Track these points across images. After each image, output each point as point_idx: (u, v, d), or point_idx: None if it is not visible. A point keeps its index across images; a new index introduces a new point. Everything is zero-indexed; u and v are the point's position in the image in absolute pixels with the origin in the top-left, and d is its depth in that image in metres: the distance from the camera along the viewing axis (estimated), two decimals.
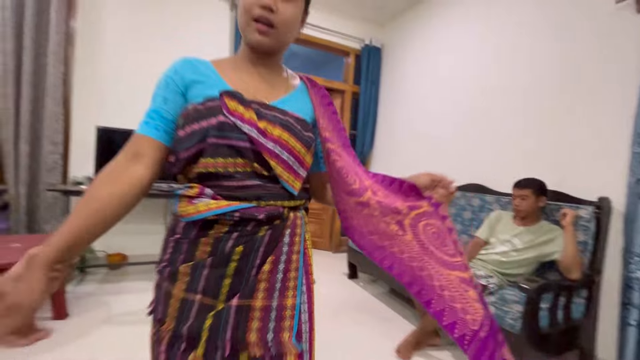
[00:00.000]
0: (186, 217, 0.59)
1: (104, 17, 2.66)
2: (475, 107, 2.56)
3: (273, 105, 0.65)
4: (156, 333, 0.62)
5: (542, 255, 1.73)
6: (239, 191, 0.59)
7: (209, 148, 0.58)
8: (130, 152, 0.59)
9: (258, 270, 0.60)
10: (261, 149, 0.59)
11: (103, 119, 2.64)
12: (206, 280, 0.58)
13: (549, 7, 2.09)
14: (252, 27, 0.62)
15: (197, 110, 0.59)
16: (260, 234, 0.60)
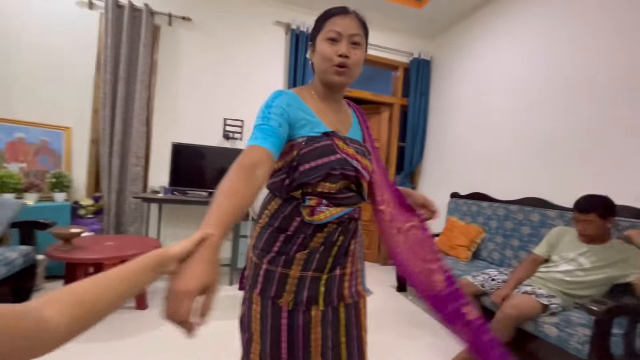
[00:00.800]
0: (318, 221, 0.82)
1: (180, 48, 3.07)
2: (531, 119, 2.43)
3: (350, 137, 0.89)
4: (271, 306, 0.83)
5: (613, 277, 1.59)
6: (344, 200, 0.86)
7: (332, 177, 0.83)
8: (251, 161, 0.67)
9: (347, 250, 0.88)
10: (361, 177, 0.88)
11: (176, 136, 3.02)
12: (318, 261, 0.84)
13: (604, 14, 1.96)
14: (332, 70, 0.83)
15: (315, 148, 0.81)
16: (351, 227, 0.88)
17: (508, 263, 2.35)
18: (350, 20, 0.83)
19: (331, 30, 0.82)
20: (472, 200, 2.82)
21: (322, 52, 0.83)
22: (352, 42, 0.83)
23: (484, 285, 1.87)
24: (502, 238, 2.44)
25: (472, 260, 2.57)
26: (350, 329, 0.89)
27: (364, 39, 0.86)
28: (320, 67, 0.85)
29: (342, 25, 0.82)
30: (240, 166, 0.66)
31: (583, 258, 1.68)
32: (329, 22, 0.84)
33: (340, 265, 0.87)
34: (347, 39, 0.82)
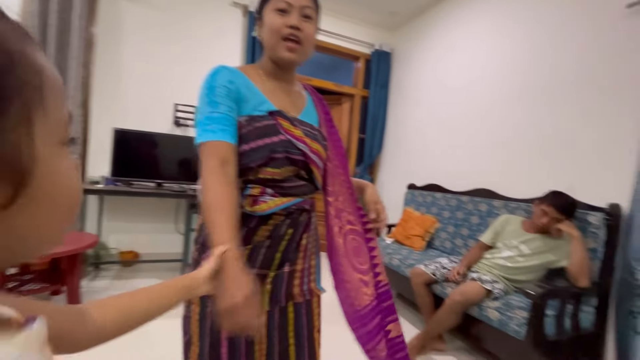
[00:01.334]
0: (260, 212, 0.74)
1: (122, 23, 2.77)
2: (483, 113, 2.55)
3: (301, 119, 0.82)
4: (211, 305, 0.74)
5: (549, 262, 1.71)
6: (292, 190, 0.78)
7: (275, 160, 0.75)
8: (219, 159, 0.67)
9: (298, 245, 0.81)
10: (309, 161, 0.79)
11: (119, 121, 2.74)
12: (264, 257, 0.77)
13: (559, 10, 2.08)
14: (281, 45, 0.76)
15: (256, 128, 0.74)
16: (302, 219, 0.81)
17: (458, 251, 2.46)
18: None
19: (280, 0, 0.75)
20: (427, 192, 2.90)
21: (270, 23, 0.75)
22: (303, 15, 0.76)
23: (435, 273, 1.93)
24: (454, 227, 2.54)
25: (426, 249, 2.66)
26: (300, 330, 0.83)
27: (315, 14, 0.80)
28: (270, 41, 0.77)
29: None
30: (214, 173, 0.66)
31: (524, 245, 1.79)
32: None
33: (290, 262, 0.81)
34: (298, 11, 0.75)
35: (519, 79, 2.31)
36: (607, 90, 1.80)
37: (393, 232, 2.91)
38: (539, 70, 2.17)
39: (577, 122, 1.93)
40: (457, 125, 2.81)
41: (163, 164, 2.72)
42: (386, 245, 2.69)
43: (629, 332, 1.57)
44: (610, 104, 1.79)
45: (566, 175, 1.95)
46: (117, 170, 2.56)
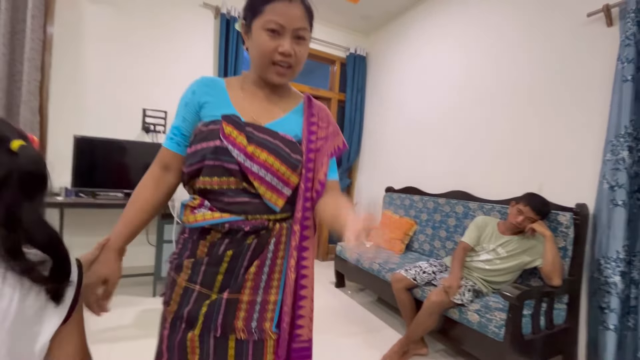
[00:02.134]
0: (188, 224, 0.73)
1: (83, 22, 2.60)
2: (456, 116, 2.60)
3: (267, 127, 0.73)
4: (163, 311, 0.75)
5: (523, 263, 1.76)
6: (231, 206, 0.71)
7: (206, 168, 0.69)
8: (162, 163, 0.77)
9: (245, 271, 0.71)
10: (246, 172, 0.69)
11: (81, 128, 2.56)
12: (204, 274, 0.71)
13: (522, 17, 2.16)
14: (271, 70, 0.72)
15: (201, 132, 0.71)
16: (248, 242, 0.71)
17: (436, 253, 2.49)
18: (296, 8, 0.69)
19: (272, 20, 0.67)
20: (405, 194, 2.93)
21: (260, 44, 0.69)
22: (296, 37, 0.70)
23: (415, 278, 1.93)
24: (432, 230, 2.57)
25: (405, 252, 2.67)
26: None
27: (309, 31, 0.73)
28: (258, 61, 0.72)
29: (287, 16, 0.68)
30: (150, 171, 0.77)
31: (500, 248, 1.83)
32: (269, 7, 0.68)
33: (231, 289, 0.70)
34: (291, 33, 0.69)
35: (485, 82, 2.38)
36: (569, 94, 1.88)
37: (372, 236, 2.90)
38: (504, 74, 2.25)
39: (542, 126, 2.01)
40: (431, 128, 2.85)
41: (131, 173, 2.56)
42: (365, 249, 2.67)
43: (598, 327, 1.64)
44: (572, 109, 1.87)
45: (536, 177, 2.02)
46: (79, 180, 2.38)
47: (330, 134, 0.80)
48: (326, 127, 0.80)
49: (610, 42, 1.72)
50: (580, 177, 1.81)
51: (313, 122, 0.78)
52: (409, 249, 2.74)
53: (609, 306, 1.58)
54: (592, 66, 1.79)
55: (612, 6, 1.70)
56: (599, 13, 1.75)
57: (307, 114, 0.79)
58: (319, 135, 0.78)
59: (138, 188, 0.76)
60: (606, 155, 1.63)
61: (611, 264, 1.58)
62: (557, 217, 1.78)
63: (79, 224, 2.63)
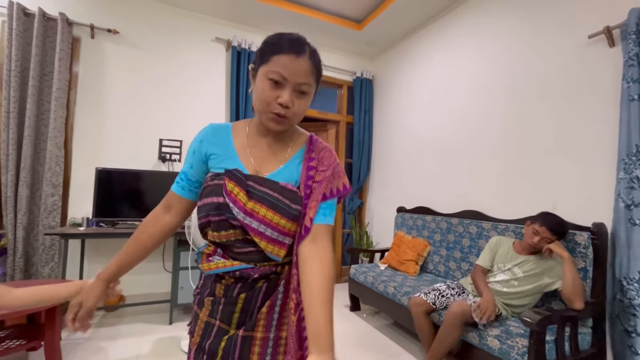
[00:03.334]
0: (205, 271, 0.77)
1: (105, 61, 2.78)
2: (465, 134, 2.63)
3: (268, 178, 0.75)
4: (189, 343, 0.81)
5: (543, 285, 1.72)
6: (240, 255, 0.75)
7: (213, 223, 0.74)
8: (165, 204, 0.83)
9: (258, 311, 0.76)
10: (247, 229, 0.71)
11: (103, 160, 2.69)
12: (222, 312, 0.76)
13: (527, 38, 2.21)
14: (269, 116, 0.72)
15: (208, 186, 0.75)
16: (258, 285, 0.76)
17: (452, 275, 2.45)
18: (302, 63, 0.68)
19: (276, 70, 0.68)
20: (417, 215, 2.92)
21: (261, 91, 0.70)
22: (298, 91, 0.70)
23: (435, 302, 1.90)
24: (446, 250, 2.54)
25: (420, 273, 2.64)
26: None
27: (313, 87, 0.72)
28: (258, 106, 0.73)
29: (290, 69, 0.68)
30: (154, 210, 0.84)
31: (517, 268, 1.80)
32: (275, 58, 0.68)
33: (246, 326, 0.75)
34: (292, 86, 0.69)
35: (493, 102, 2.41)
36: (579, 112, 1.90)
37: (386, 258, 2.89)
38: (513, 92, 2.28)
39: (554, 144, 2.01)
40: (440, 147, 2.88)
41: (149, 201, 2.65)
42: (380, 271, 2.66)
43: (626, 351, 1.58)
44: (583, 127, 1.87)
45: (549, 195, 2.01)
46: (100, 210, 2.48)
47: (328, 177, 0.77)
48: (324, 171, 0.77)
49: (613, 62, 1.74)
50: (595, 196, 1.79)
51: (312, 166, 0.77)
52: (424, 270, 2.70)
53: (636, 329, 1.52)
54: (599, 85, 1.81)
55: (612, 28, 1.73)
56: (600, 35, 1.78)
57: (306, 159, 0.78)
58: (316, 179, 0.76)
59: (138, 228, 0.82)
60: (619, 173, 1.63)
61: (634, 285, 1.54)
62: (574, 237, 1.75)
63: (99, 252, 2.71)
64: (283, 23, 3.24)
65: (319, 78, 0.75)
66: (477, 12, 2.60)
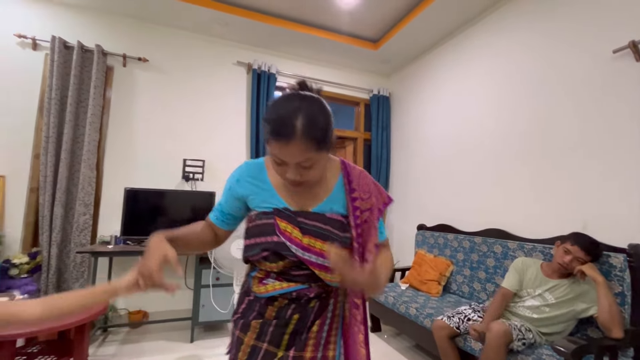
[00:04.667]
0: (259, 294, 0.78)
1: (135, 86, 2.95)
2: (486, 151, 2.58)
3: (315, 212, 0.79)
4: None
5: (577, 311, 1.62)
6: (296, 277, 0.78)
7: (269, 257, 0.76)
8: (204, 224, 0.88)
9: (309, 330, 0.78)
10: (306, 263, 0.75)
11: (130, 180, 2.82)
12: (271, 334, 0.77)
13: (548, 53, 2.17)
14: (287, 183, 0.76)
15: (257, 226, 0.78)
16: (311, 305, 0.79)
17: (477, 296, 2.36)
18: (294, 147, 0.66)
19: (275, 154, 0.70)
20: (438, 232, 2.86)
21: (273, 166, 0.74)
22: (301, 167, 0.70)
23: (459, 327, 1.83)
24: (470, 270, 2.46)
25: (443, 294, 2.55)
26: None
27: (318, 156, 0.70)
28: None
29: (285, 154, 0.68)
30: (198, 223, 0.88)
31: (548, 293, 1.70)
32: (271, 141, 0.69)
33: (296, 347, 0.77)
34: (294, 166, 0.70)
35: (513, 118, 2.36)
36: (607, 128, 1.83)
37: (407, 277, 2.82)
38: (534, 109, 2.23)
39: (583, 160, 1.94)
40: (461, 163, 2.83)
41: (172, 220, 2.74)
42: (401, 291, 2.60)
43: None
44: (612, 143, 1.81)
45: (579, 214, 1.92)
46: (127, 229, 2.58)
47: (375, 203, 0.82)
48: (368, 198, 0.82)
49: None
50: (629, 215, 1.70)
51: (355, 197, 0.81)
52: (447, 291, 2.62)
53: None
54: (627, 99, 1.75)
55: (638, 42, 1.69)
56: (625, 49, 1.74)
57: (347, 190, 0.81)
58: (363, 208, 0.81)
59: (194, 224, 0.86)
60: None
61: None
62: (608, 259, 1.66)
63: (124, 269, 2.80)
64: (300, 46, 3.35)
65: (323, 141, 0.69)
66: (493, 29, 2.59)
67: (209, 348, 2.39)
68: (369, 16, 2.96)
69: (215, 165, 3.14)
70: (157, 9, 2.81)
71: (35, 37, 2.62)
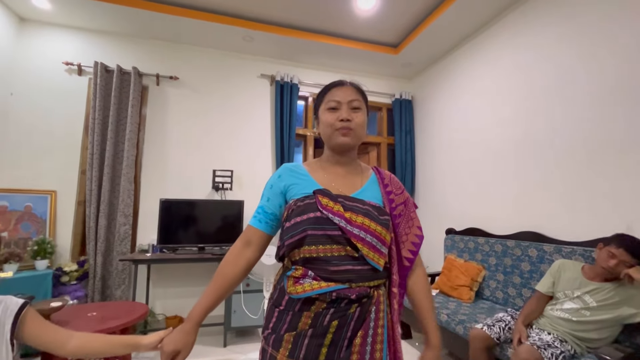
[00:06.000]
0: (295, 295, 0.74)
1: (167, 103, 3.15)
2: (516, 150, 2.49)
3: (354, 197, 0.83)
4: None
5: (622, 316, 1.51)
6: (335, 274, 0.73)
7: (310, 237, 0.74)
8: (245, 239, 0.86)
9: (350, 342, 0.72)
10: (349, 235, 0.74)
11: (165, 191, 2.99)
12: (307, 348, 0.70)
13: (583, 42, 2.09)
14: (337, 134, 0.85)
15: (298, 207, 0.78)
16: (351, 311, 0.73)
17: (512, 302, 2.26)
18: (347, 89, 0.88)
19: (331, 100, 0.87)
20: (468, 237, 2.78)
21: (325, 120, 0.87)
22: (352, 108, 0.86)
23: (500, 337, 1.75)
24: (503, 275, 2.37)
25: (476, 300, 2.47)
26: None
27: (363, 104, 0.89)
28: (326, 133, 0.87)
29: (340, 95, 0.87)
30: (233, 246, 0.86)
31: (588, 296, 1.61)
32: (328, 94, 0.88)
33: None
34: (346, 105, 0.86)
35: (545, 113, 2.26)
36: None
37: (437, 283, 2.76)
38: (566, 106, 2.13)
39: (623, 156, 1.83)
40: (488, 164, 2.75)
41: (204, 229, 2.87)
42: None
43: None
44: None
45: (621, 215, 1.81)
46: (163, 237, 2.73)
47: (407, 199, 0.92)
48: (401, 193, 0.92)
49: None
50: None
51: (389, 191, 0.90)
52: (480, 297, 2.53)
53: None
54: None
55: None
56: None
57: (382, 184, 0.91)
58: (397, 202, 0.89)
59: (221, 264, 0.83)
60: None
61: None
62: None
63: (160, 276, 2.96)
64: (321, 55, 3.42)
65: (365, 99, 0.92)
66: (515, 28, 2.52)
67: (241, 353, 2.45)
68: (387, 22, 2.99)
69: (243, 174, 3.26)
70: (186, 31, 3.00)
71: (81, 64, 2.88)
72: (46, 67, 2.84)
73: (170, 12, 2.75)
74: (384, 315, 0.78)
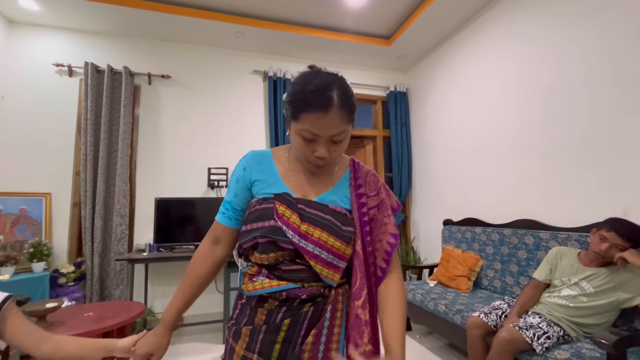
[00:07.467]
0: (247, 292, 0.73)
1: (160, 102, 3.13)
2: (510, 138, 2.47)
3: (317, 201, 0.75)
4: None
5: (619, 301, 1.51)
6: (287, 273, 0.71)
7: (262, 246, 0.71)
8: (213, 237, 0.82)
9: (303, 341, 0.69)
10: (302, 252, 0.69)
11: (160, 191, 2.98)
12: (261, 343, 0.70)
13: (565, 34, 2.06)
14: (308, 165, 0.75)
15: (256, 210, 0.73)
16: (304, 310, 0.70)
17: (510, 290, 2.26)
18: (332, 118, 0.65)
19: (306, 129, 0.66)
20: (465, 227, 2.76)
21: (297, 146, 0.71)
22: (332, 141, 0.69)
23: (496, 325, 1.75)
24: (500, 264, 2.36)
25: (474, 290, 2.46)
26: None
27: (348, 128, 0.70)
28: (297, 152, 0.74)
29: (321, 127, 0.65)
30: (201, 246, 0.83)
31: (585, 282, 1.61)
32: (304, 115, 0.65)
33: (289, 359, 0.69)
34: (326, 140, 0.68)
35: (538, 101, 2.25)
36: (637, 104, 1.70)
37: (435, 274, 2.75)
38: (560, 90, 2.11)
39: (620, 141, 1.81)
40: (483, 154, 2.73)
41: (201, 226, 2.87)
42: (429, 288, 2.54)
43: None
44: None
45: (618, 199, 1.79)
46: (160, 236, 2.73)
47: (382, 201, 0.79)
48: (376, 195, 0.79)
49: None
50: None
51: (361, 193, 0.78)
52: (478, 286, 2.52)
53: None
54: None
55: None
56: None
57: (353, 184, 0.79)
58: (370, 205, 0.77)
59: (190, 264, 0.81)
60: None
61: None
62: None
63: (158, 275, 2.96)
64: (313, 49, 3.40)
65: (353, 113, 0.70)
66: (511, 13, 2.49)
67: None
68: (378, 13, 2.96)
69: None
70: (176, 29, 2.97)
71: (71, 64, 2.86)
72: (36, 69, 2.82)
73: (160, 10, 2.73)
74: (343, 315, 0.73)
